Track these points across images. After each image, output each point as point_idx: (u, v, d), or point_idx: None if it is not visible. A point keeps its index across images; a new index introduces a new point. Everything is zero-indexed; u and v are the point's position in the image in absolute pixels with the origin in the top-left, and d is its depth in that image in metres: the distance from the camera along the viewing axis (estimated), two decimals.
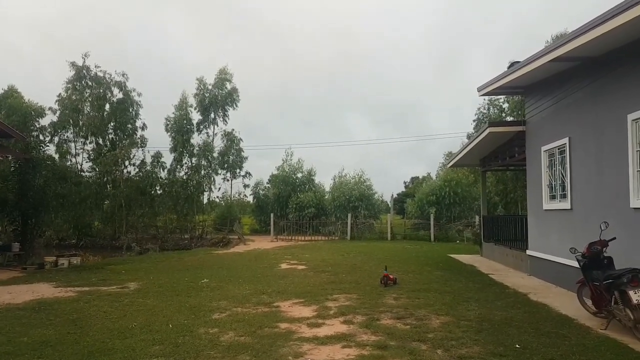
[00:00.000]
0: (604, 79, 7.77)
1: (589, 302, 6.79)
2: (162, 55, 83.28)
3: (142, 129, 29.90)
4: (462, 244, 22.53)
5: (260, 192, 33.83)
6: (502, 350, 5.16)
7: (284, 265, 13.45)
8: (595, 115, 8.03)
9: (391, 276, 9.75)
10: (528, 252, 11.10)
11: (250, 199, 34.44)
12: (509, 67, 10.77)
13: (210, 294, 8.88)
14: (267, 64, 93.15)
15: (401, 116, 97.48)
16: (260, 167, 72.41)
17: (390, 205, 41.44)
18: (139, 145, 28.38)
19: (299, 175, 33.36)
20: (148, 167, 27.94)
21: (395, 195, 53.12)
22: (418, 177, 52.42)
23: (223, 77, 29.71)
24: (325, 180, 56.21)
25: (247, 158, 31.44)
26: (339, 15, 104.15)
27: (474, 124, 29.98)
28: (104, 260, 17.45)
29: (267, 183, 34.28)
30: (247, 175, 31.73)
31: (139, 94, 29.75)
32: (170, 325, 6.49)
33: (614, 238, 6.64)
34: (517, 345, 5.33)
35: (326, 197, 31.62)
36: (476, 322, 6.44)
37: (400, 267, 12.37)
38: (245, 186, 32.58)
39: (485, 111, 29.46)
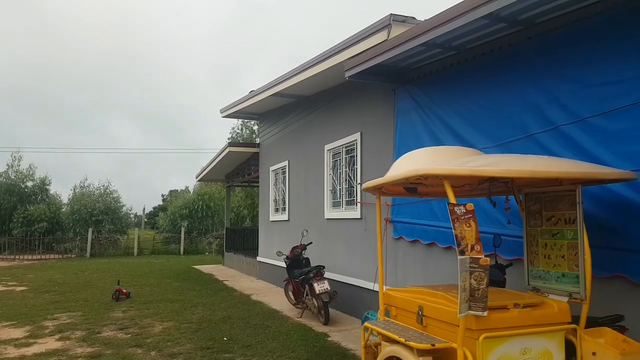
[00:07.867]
0: (311, 115, 9.67)
1: (292, 296, 8.27)
2: None
3: None
4: (210, 256, 23.41)
5: None
6: (211, 344, 5.89)
7: None
8: (305, 144, 9.89)
9: (124, 290, 9.59)
10: (258, 258, 12.57)
11: None
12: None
13: None
14: (18, 41, 75.43)
15: (174, 125, 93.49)
16: None
17: (142, 219, 39.46)
18: None
19: (29, 184, 28.42)
20: None
21: (151, 209, 50.84)
22: (177, 190, 51.59)
23: None
24: (64, 191, 49.05)
25: None
26: (118, 8, 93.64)
27: (228, 142, 31.74)
28: None
29: None
30: None
31: None
32: None
33: (311, 242, 8.35)
34: (224, 338, 6.14)
35: (63, 209, 27.92)
36: (197, 323, 7.07)
37: (139, 281, 12.19)
38: None
39: (239, 131, 31.66)
